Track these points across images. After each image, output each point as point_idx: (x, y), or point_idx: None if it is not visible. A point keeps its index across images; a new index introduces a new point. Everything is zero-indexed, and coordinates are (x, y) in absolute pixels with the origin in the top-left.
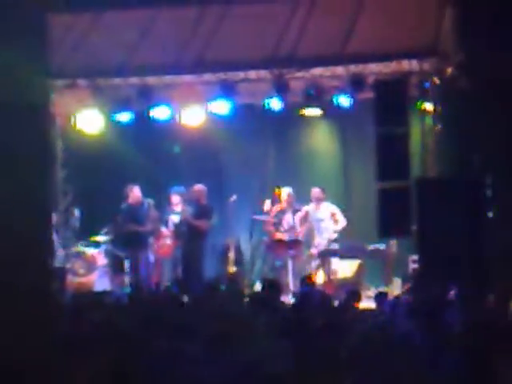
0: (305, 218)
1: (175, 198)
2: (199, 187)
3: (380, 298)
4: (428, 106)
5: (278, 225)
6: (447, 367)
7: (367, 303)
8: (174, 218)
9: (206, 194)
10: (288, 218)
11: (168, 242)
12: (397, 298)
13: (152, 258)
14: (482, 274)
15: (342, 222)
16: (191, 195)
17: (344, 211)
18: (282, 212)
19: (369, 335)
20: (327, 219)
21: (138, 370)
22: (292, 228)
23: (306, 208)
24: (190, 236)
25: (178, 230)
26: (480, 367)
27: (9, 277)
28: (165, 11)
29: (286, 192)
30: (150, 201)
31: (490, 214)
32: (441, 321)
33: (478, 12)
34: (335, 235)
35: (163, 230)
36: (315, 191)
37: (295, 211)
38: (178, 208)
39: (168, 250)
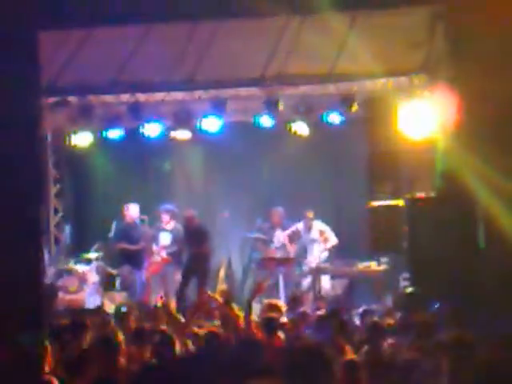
0: (295, 236)
1: (165, 216)
2: (188, 212)
3: (364, 315)
4: (417, 124)
5: (269, 242)
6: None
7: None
8: (164, 236)
9: (195, 217)
10: (279, 236)
11: (157, 259)
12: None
13: (143, 276)
14: (474, 292)
15: (333, 241)
16: (182, 221)
17: (334, 229)
18: (273, 230)
19: None
20: (317, 238)
21: None
22: (283, 246)
23: (297, 226)
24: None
25: (170, 250)
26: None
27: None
28: (155, 28)
29: (275, 211)
30: (144, 218)
31: (481, 232)
32: (430, 338)
33: (470, 28)
34: (325, 254)
35: (154, 247)
36: (305, 212)
37: (285, 228)
38: (169, 226)
39: (157, 266)
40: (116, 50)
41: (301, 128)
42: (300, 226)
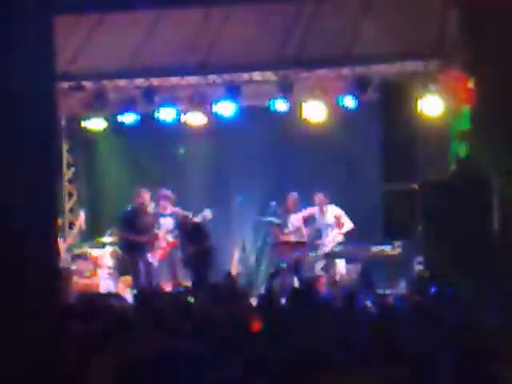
0: (310, 220)
1: (163, 202)
2: (181, 213)
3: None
4: (431, 107)
5: (283, 226)
6: (446, 367)
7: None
8: (166, 221)
9: (190, 215)
10: (293, 220)
11: (162, 244)
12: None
13: (151, 259)
14: (487, 275)
15: (348, 225)
16: (179, 222)
17: (348, 214)
18: (287, 214)
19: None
20: (332, 223)
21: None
22: (297, 230)
23: (311, 209)
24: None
25: (175, 233)
26: (478, 367)
27: (14, 278)
28: (169, 12)
29: (290, 196)
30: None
31: (496, 216)
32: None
33: (484, 11)
34: (340, 238)
35: (158, 232)
36: (318, 197)
37: (299, 213)
38: (168, 211)
39: (163, 251)
40: (130, 34)
41: (315, 112)
42: (314, 209)
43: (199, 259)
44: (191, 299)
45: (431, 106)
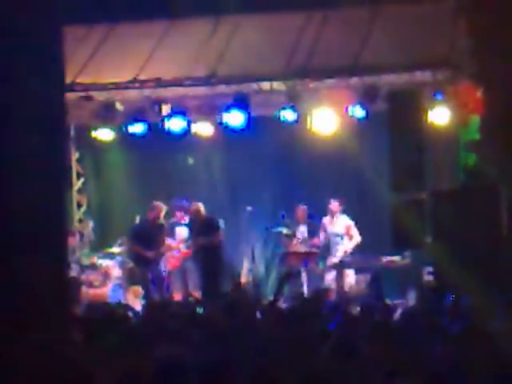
0: (321, 230)
1: (178, 213)
2: (193, 205)
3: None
4: (441, 117)
5: (292, 237)
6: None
7: None
8: (181, 230)
9: (202, 209)
10: (302, 231)
11: (176, 254)
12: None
13: (163, 268)
14: (497, 286)
15: (356, 238)
16: (190, 215)
17: (358, 223)
18: (296, 224)
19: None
20: (342, 233)
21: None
22: (306, 240)
23: (323, 220)
24: (205, 251)
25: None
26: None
27: (24, 288)
28: (179, 23)
29: (299, 208)
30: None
31: (506, 226)
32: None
33: (494, 22)
34: (349, 250)
35: (170, 241)
36: (333, 204)
37: (308, 224)
38: (183, 220)
39: (176, 261)
40: (139, 45)
41: (324, 122)
42: (326, 219)
43: (208, 253)
44: (200, 309)
45: (440, 115)
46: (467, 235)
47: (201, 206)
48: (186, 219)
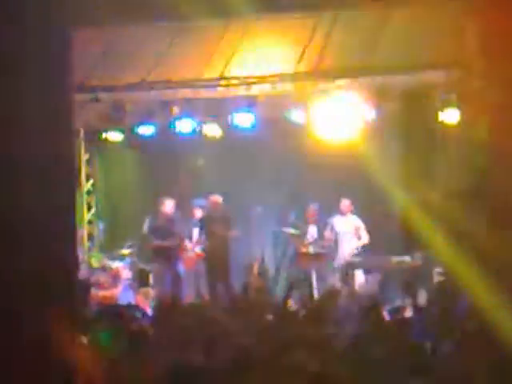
0: (330, 227)
1: (198, 212)
2: (214, 198)
3: (394, 313)
4: (453, 118)
5: (302, 237)
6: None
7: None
8: (197, 232)
9: (221, 203)
10: (312, 231)
11: (191, 255)
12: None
13: (182, 270)
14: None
15: (364, 239)
16: (209, 206)
17: (368, 224)
18: (307, 225)
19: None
20: (351, 233)
21: None
22: (316, 241)
23: (333, 219)
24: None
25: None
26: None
27: (34, 290)
28: (187, 25)
29: (310, 207)
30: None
31: None
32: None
33: (504, 22)
34: (356, 250)
35: (187, 243)
36: (344, 203)
37: (319, 224)
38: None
39: (191, 263)
40: (147, 47)
41: (331, 124)
42: (335, 218)
43: (219, 249)
44: (209, 311)
45: (451, 116)
46: (478, 236)
47: (220, 199)
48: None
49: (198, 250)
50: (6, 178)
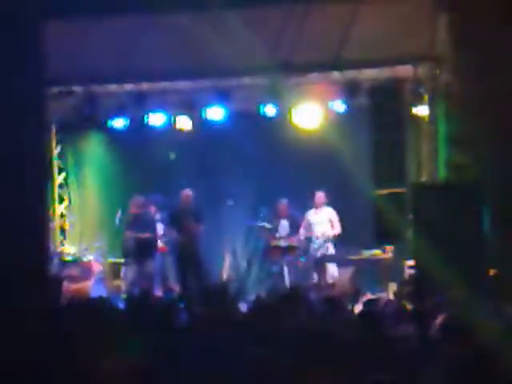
0: (304, 224)
1: (152, 208)
2: (186, 192)
3: (369, 304)
4: (422, 112)
5: (273, 231)
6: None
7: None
8: (158, 227)
9: (192, 198)
10: (283, 225)
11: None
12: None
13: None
14: (478, 280)
15: (337, 230)
16: (180, 200)
17: (339, 217)
18: (278, 219)
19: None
20: (325, 223)
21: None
22: (288, 235)
23: (306, 215)
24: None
25: (166, 239)
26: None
27: (5, 284)
28: (159, 18)
29: (280, 203)
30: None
31: (487, 219)
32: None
33: (473, 17)
34: (329, 234)
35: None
36: (319, 195)
37: (290, 218)
38: (157, 216)
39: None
40: (120, 39)
41: (305, 117)
42: (309, 213)
43: (190, 243)
44: (181, 304)
45: (421, 110)
46: (448, 229)
47: (191, 193)
48: (158, 214)
49: (160, 244)
50: None
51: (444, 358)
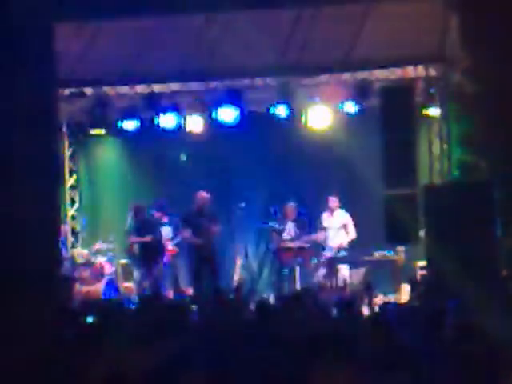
0: (321, 225)
1: (157, 213)
2: (203, 193)
3: (384, 307)
4: (433, 112)
5: (281, 232)
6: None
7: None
8: (165, 230)
9: (208, 199)
10: (290, 227)
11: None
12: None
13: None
14: (491, 281)
15: (352, 235)
16: (195, 201)
17: (352, 218)
18: (285, 220)
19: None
20: (339, 228)
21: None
22: (295, 237)
23: (322, 216)
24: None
25: (175, 241)
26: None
27: (17, 285)
28: (171, 19)
29: (288, 207)
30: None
31: (499, 220)
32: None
33: (485, 17)
34: (344, 245)
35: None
36: (331, 200)
37: (297, 221)
38: (165, 219)
39: (166, 259)
40: (131, 41)
41: (316, 118)
42: (324, 215)
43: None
44: (193, 307)
45: (432, 110)
46: (460, 230)
47: (208, 196)
48: (165, 218)
49: (169, 246)
50: None
51: (457, 357)
